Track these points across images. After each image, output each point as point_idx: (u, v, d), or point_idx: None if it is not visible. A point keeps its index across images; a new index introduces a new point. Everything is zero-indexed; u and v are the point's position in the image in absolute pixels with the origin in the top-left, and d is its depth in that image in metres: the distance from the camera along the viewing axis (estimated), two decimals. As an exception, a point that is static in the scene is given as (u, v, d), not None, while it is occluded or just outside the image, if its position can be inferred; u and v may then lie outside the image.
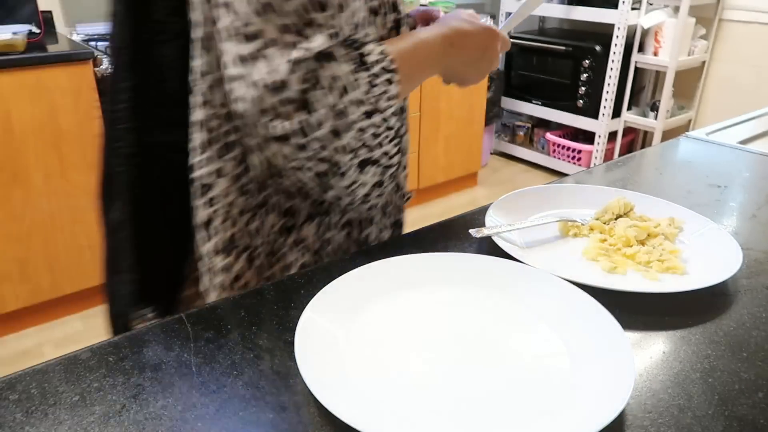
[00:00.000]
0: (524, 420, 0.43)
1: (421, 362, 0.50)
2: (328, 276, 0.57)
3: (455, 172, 3.11)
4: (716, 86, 3.11)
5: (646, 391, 0.47)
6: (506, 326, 0.54)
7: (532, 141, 3.61)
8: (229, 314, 0.56)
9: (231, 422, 0.43)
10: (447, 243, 0.69)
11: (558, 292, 0.57)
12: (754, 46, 2.91)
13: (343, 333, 0.52)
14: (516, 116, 3.65)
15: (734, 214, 0.79)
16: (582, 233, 0.72)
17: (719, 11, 2.97)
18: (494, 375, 0.48)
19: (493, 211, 0.74)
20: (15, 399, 0.45)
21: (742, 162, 0.99)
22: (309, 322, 0.51)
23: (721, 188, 0.88)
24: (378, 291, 0.57)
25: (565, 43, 3.15)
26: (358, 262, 0.60)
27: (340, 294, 0.55)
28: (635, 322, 0.55)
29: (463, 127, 3.03)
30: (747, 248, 0.69)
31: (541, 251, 0.68)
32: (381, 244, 0.71)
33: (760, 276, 0.64)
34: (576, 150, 3.27)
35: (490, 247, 0.68)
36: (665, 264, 0.64)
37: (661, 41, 2.92)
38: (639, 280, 0.63)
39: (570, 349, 0.51)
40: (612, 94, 3.03)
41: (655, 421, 0.44)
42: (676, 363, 0.50)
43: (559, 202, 0.79)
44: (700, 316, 0.57)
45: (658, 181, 0.92)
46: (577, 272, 0.62)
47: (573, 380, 0.47)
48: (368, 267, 0.59)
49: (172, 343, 0.51)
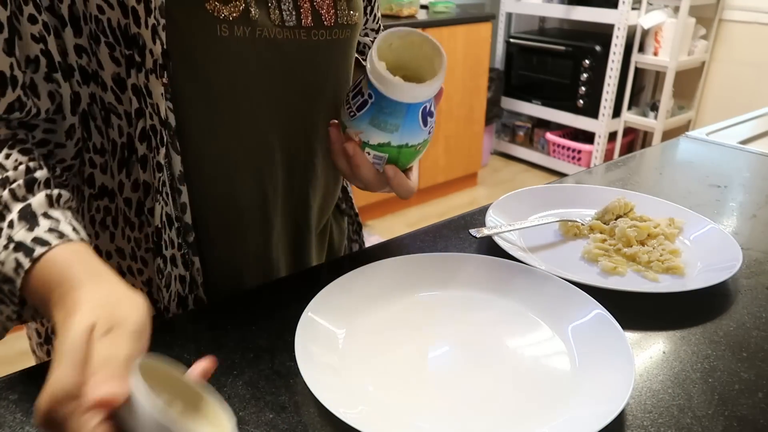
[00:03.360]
0: (524, 420, 0.43)
1: (420, 362, 0.50)
2: (328, 276, 0.57)
3: (455, 172, 3.11)
4: (716, 86, 3.11)
5: (646, 391, 0.47)
6: (506, 326, 0.54)
7: (532, 141, 3.61)
8: (229, 314, 0.56)
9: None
10: (447, 243, 0.69)
11: (558, 292, 0.57)
12: (754, 46, 2.91)
13: (343, 333, 0.52)
14: (516, 116, 3.65)
15: (734, 214, 0.79)
16: (582, 233, 0.72)
17: (719, 11, 2.97)
18: (494, 375, 0.48)
19: (493, 211, 0.74)
20: (15, 399, 0.45)
21: (742, 162, 0.99)
22: (309, 322, 0.51)
23: (721, 188, 0.88)
24: (378, 291, 0.57)
25: (565, 43, 3.14)
26: (358, 262, 0.60)
27: (340, 294, 0.55)
28: (635, 322, 0.55)
29: (463, 127, 3.03)
30: (747, 248, 0.69)
31: (541, 251, 0.68)
32: (381, 245, 0.71)
33: (760, 276, 0.64)
34: (576, 150, 3.27)
35: (490, 247, 0.68)
36: (665, 264, 0.64)
37: (661, 41, 2.92)
38: (639, 280, 0.63)
39: (570, 350, 0.51)
40: (612, 94, 3.03)
41: (655, 421, 0.44)
42: (676, 363, 0.50)
43: (559, 202, 0.79)
44: (700, 316, 0.57)
45: (658, 181, 0.92)
46: (577, 272, 0.62)
47: (573, 380, 0.47)
48: (368, 267, 0.59)
49: (172, 343, 0.51)
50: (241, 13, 0.52)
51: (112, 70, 0.50)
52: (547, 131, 3.44)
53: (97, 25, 0.48)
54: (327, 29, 0.58)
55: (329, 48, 0.59)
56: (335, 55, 0.61)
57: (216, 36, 0.51)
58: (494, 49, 3.46)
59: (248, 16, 0.52)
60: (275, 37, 0.54)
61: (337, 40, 0.59)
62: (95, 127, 0.53)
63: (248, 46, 0.53)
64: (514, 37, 3.40)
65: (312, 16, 0.56)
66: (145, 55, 0.49)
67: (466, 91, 2.96)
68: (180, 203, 0.55)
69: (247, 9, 0.52)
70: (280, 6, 0.54)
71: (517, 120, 3.64)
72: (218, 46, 0.52)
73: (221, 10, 0.51)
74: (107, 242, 0.59)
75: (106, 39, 0.49)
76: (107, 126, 0.53)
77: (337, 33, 0.59)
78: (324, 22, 0.57)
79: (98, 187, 0.56)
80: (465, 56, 2.87)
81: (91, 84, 0.51)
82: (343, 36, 0.60)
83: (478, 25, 2.86)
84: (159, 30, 0.48)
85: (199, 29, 0.51)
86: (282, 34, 0.55)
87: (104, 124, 0.53)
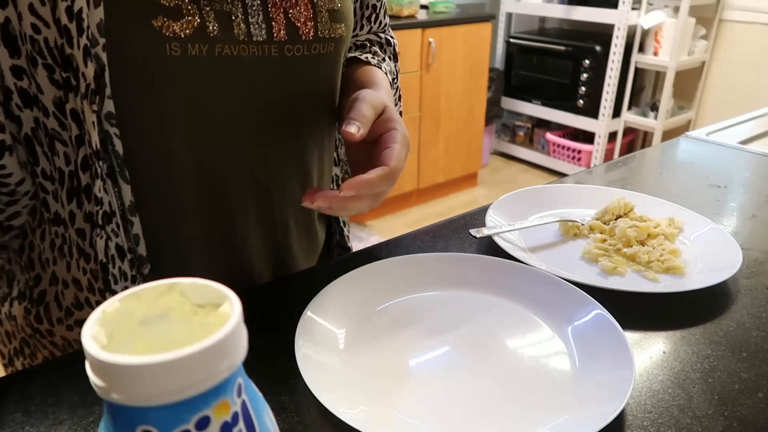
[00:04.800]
0: (524, 420, 0.43)
1: (420, 362, 0.50)
2: (328, 276, 0.57)
3: (455, 172, 3.11)
4: (716, 86, 3.11)
5: (646, 391, 0.47)
6: (506, 326, 0.54)
7: (532, 141, 3.61)
8: (229, 314, 0.56)
9: (231, 422, 0.43)
10: (447, 243, 0.69)
11: (558, 292, 0.57)
12: (754, 46, 2.91)
13: (343, 333, 0.52)
14: (516, 116, 3.65)
15: (734, 214, 0.79)
16: (582, 233, 0.72)
17: (719, 11, 2.97)
18: (494, 375, 0.48)
19: (493, 211, 0.74)
20: (15, 399, 0.45)
21: (742, 162, 0.99)
22: (309, 322, 0.51)
23: (721, 188, 0.88)
24: (378, 291, 0.57)
25: (565, 43, 3.15)
26: (358, 262, 0.60)
27: (340, 294, 0.55)
28: (635, 322, 0.55)
29: (463, 127, 3.03)
30: (747, 248, 0.69)
31: (541, 251, 0.68)
32: (381, 245, 0.71)
33: (760, 276, 0.64)
34: (576, 150, 3.28)
35: (490, 247, 0.68)
36: (665, 264, 0.64)
37: (661, 41, 2.92)
38: (639, 280, 0.63)
39: (570, 350, 0.51)
40: (612, 94, 3.03)
41: (655, 421, 0.44)
42: (676, 363, 0.50)
43: (559, 202, 0.79)
44: (700, 316, 0.57)
45: (658, 181, 0.92)
46: (577, 272, 0.62)
47: (573, 380, 0.47)
48: (368, 267, 0.59)
49: (172, 343, 0.51)
50: (195, 30, 0.46)
51: (53, 94, 0.46)
52: (547, 131, 3.45)
53: (33, 45, 0.44)
54: (305, 44, 0.53)
55: (308, 64, 0.54)
56: (315, 72, 0.56)
57: (165, 56, 0.46)
58: (494, 49, 3.47)
59: (204, 32, 0.46)
60: (239, 54, 0.49)
61: (318, 55, 0.54)
62: (42, 153, 0.49)
63: (206, 65, 0.48)
64: (514, 37, 3.40)
65: (286, 29, 0.51)
66: (78, 79, 0.44)
67: (466, 91, 2.96)
68: (132, 235, 0.51)
69: (204, 24, 0.46)
70: (247, 19, 0.49)
71: (517, 120, 3.64)
72: (169, 67, 0.46)
73: (171, 26, 0.45)
74: (64, 271, 0.55)
75: (43, 60, 0.44)
76: (53, 153, 0.49)
77: (318, 48, 0.54)
78: (301, 36, 0.52)
79: (53, 213, 0.53)
80: (465, 56, 2.87)
81: (34, 108, 0.47)
82: (325, 51, 0.55)
83: (478, 25, 2.86)
84: (94, 51, 0.43)
85: (144, 49, 0.45)
86: (248, 51, 0.49)
87: (50, 151, 0.49)
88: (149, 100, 0.48)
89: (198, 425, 0.22)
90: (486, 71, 3.03)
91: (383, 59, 0.69)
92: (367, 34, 0.72)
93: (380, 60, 0.68)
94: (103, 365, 0.21)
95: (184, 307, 0.26)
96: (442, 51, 2.75)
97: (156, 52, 0.45)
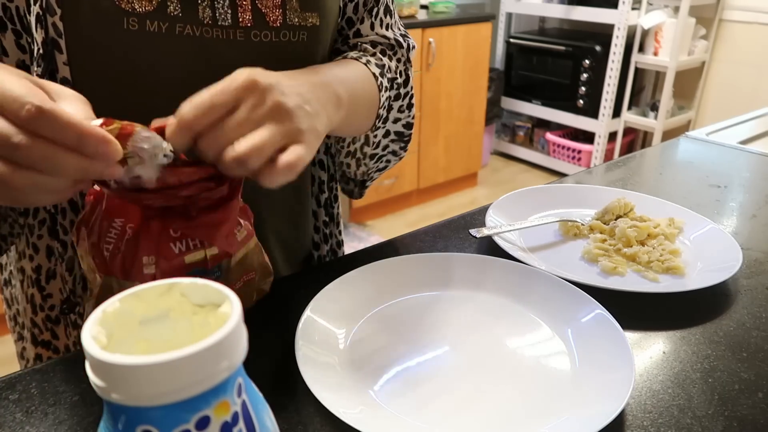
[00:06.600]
0: (524, 420, 0.43)
1: (420, 362, 0.50)
2: (328, 276, 0.57)
3: (455, 172, 3.11)
4: (716, 86, 3.11)
5: (646, 391, 0.47)
6: (506, 326, 0.54)
7: (532, 141, 3.61)
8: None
9: (231, 422, 0.43)
10: (447, 243, 0.69)
11: (558, 292, 0.57)
12: (754, 46, 2.91)
13: (343, 333, 0.52)
14: (516, 116, 3.65)
15: (734, 214, 0.79)
16: (582, 233, 0.72)
17: (719, 11, 2.97)
18: (494, 375, 0.48)
19: (493, 211, 0.74)
20: (15, 399, 0.45)
21: (742, 162, 0.99)
22: (309, 322, 0.51)
23: (721, 188, 0.88)
24: (378, 291, 0.57)
25: (565, 43, 3.15)
26: (358, 262, 0.60)
27: (340, 294, 0.55)
28: (635, 322, 0.55)
29: (463, 127, 3.03)
30: (747, 248, 0.69)
31: (541, 251, 0.68)
32: (381, 245, 0.71)
33: (760, 276, 0.64)
34: (576, 150, 3.28)
35: (490, 247, 0.68)
36: (665, 264, 0.64)
37: (661, 41, 2.92)
38: (639, 280, 0.63)
39: (570, 350, 0.51)
40: (612, 94, 3.03)
41: (655, 421, 0.44)
42: (676, 363, 0.50)
43: (559, 202, 0.79)
44: (700, 316, 0.57)
45: (658, 181, 0.92)
46: (577, 272, 0.62)
47: (573, 380, 0.47)
48: (368, 267, 0.59)
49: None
50: (156, 8, 0.49)
51: (17, 57, 0.49)
52: (547, 131, 3.45)
53: (5, 12, 0.48)
54: (273, 30, 0.54)
55: (277, 51, 0.55)
56: (285, 60, 0.55)
57: (122, 29, 0.48)
58: (494, 49, 3.47)
59: (165, 11, 0.49)
60: (202, 35, 0.51)
61: (288, 42, 0.55)
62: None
63: (165, 42, 0.50)
64: (514, 37, 3.40)
65: (253, 15, 0.53)
66: (33, 44, 0.48)
67: (466, 91, 2.96)
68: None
69: (165, 3, 0.49)
70: (213, 4, 0.51)
71: (517, 120, 3.64)
72: (126, 40, 0.49)
73: (131, 2, 0.48)
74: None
75: (13, 26, 0.48)
76: None
77: (288, 35, 0.55)
78: (269, 23, 0.54)
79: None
80: (465, 56, 2.87)
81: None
82: (296, 39, 0.56)
83: (478, 25, 2.86)
84: (52, 20, 0.47)
85: (102, 21, 0.48)
86: (211, 33, 0.51)
87: None
88: (105, 70, 0.50)
89: (198, 425, 0.22)
90: (486, 71, 3.03)
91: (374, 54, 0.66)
92: (373, 35, 0.70)
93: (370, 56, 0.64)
94: (103, 365, 0.21)
95: (184, 307, 0.26)
96: (442, 51, 2.75)
97: (112, 25, 0.48)
